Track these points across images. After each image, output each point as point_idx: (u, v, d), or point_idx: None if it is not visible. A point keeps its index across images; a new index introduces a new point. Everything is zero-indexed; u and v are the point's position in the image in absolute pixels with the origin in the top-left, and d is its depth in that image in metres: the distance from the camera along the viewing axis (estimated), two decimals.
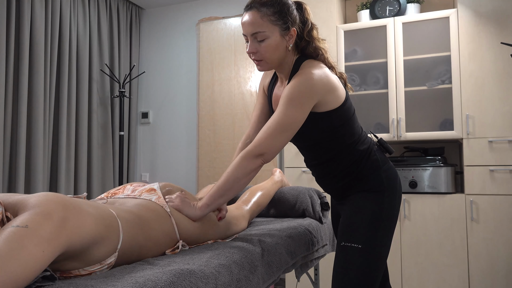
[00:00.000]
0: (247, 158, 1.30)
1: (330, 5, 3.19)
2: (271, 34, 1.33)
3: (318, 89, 1.31)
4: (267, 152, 1.30)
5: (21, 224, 0.80)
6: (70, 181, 3.48)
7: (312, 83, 1.30)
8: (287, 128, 1.30)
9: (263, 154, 1.30)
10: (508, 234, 2.65)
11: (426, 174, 2.84)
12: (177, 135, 4.15)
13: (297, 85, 1.31)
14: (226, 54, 3.86)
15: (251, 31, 1.33)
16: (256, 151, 1.30)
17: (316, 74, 1.32)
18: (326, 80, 1.34)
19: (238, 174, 1.30)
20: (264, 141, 1.30)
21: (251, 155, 1.30)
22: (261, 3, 1.33)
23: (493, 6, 2.77)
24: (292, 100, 1.30)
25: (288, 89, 1.32)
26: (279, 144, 1.31)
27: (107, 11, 3.97)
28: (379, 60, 3.09)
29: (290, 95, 1.31)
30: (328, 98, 1.35)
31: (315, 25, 1.44)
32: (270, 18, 1.32)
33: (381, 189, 1.43)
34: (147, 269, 0.99)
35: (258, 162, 1.31)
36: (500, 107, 2.72)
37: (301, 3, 1.43)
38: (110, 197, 1.30)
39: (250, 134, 1.58)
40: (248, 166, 1.30)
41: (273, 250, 1.38)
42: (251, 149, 1.31)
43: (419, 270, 2.81)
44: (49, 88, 3.35)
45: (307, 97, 1.30)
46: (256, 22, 1.32)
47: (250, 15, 1.33)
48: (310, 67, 1.35)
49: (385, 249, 1.41)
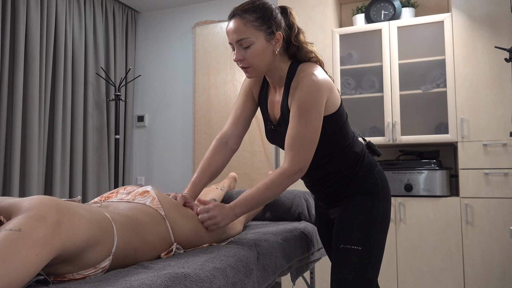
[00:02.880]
0: (288, 177, 1.33)
1: (326, 9, 3.21)
2: (256, 40, 1.33)
3: (324, 90, 1.33)
4: (304, 167, 1.35)
5: (14, 227, 0.80)
6: (65, 185, 3.46)
7: (319, 86, 1.32)
8: (314, 138, 1.33)
9: (301, 169, 1.34)
10: (503, 237, 2.66)
11: (421, 177, 2.85)
12: (173, 138, 4.14)
13: (305, 93, 1.31)
14: (222, 58, 3.86)
15: (236, 38, 1.33)
16: (295, 170, 1.33)
17: (318, 76, 1.34)
18: (327, 80, 1.37)
19: (277, 192, 1.36)
20: (299, 158, 1.33)
21: (291, 174, 1.33)
22: (243, 10, 1.33)
23: (487, 10, 2.79)
24: (308, 110, 1.31)
25: (298, 99, 1.32)
26: (310, 154, 1.35)
27: (103, 14, 3.97)
28: (375, 64, 3.10)
29: (304, 105, 1.31)
30: (330, 98, 1.36)
31: (302, 30, 1.44)
32: (254, 24, 1.32)
33: (375, 191, 1.44)
34: (142, 273, 0.99)
35: (297, 177, 1.35)
36: (494, 111, 2.74)
37: (286, 8, 1.43)
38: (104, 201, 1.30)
39: (227, 133, 1.54)
40: (289, 183, 1.35)
41: (269, 254, 1.38)
42: (289, 169, 1.33)
43: (414, 273, 2.82)
44: (45, 91, 3.33)
45: (319, 102, 1.32)
46: (240, 29, 1.32)
47: (234, 23, 1.34)
48: (308, 70, 1.36)
49: (382, 250, 1.43)
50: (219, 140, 1.54)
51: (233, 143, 1.54)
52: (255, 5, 1.34)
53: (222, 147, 1.53)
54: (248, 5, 1.35)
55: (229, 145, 1.53)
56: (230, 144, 1.54)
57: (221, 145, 1.53)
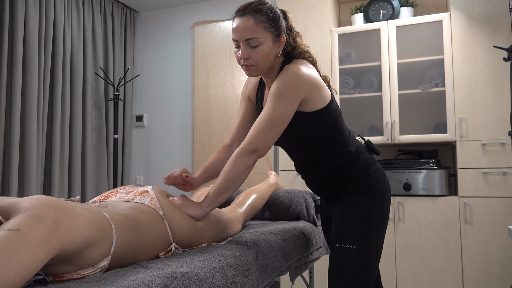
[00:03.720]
0: (242, 155, 1.33)
1: (325, 8, 3.21)
2: (265, 41, 1.34)
3: (304, 83, 1.34)
4: (260, 148, 1.34)
5: (13, 227, 0.80)
6: (64, 185, 3.46)
7: (299, 77, 1.33)
8: (277, 123, 1.33)
9: (257, 150, 1.34)
10: (501, 236, 2.66)
11: (420, 176, 2.85)
12: (172, 138, 4.14)
13: (283, 80, 1.33)
14: (221, 57, 3.86)
15: (245, 37, 1.33)
16: (250, 148, 1.33)
17: (302, 70, 1.35)
18: (312, 77, 1.37)
19: (236, 172, 1.33)
20: (256, 138, 1.33)
21: (245, 152, 1.33)
22: (255, 10, 1.33)
23: (486, 10, 2.79)
24: (279, 94, 1.32)
25: (275, 84, 1.35)
26: (270, 139, 1.34)
27: (101, 14, 3.97)
28: (373, 63, 3.10)
29: (277, 90, 1.33)
30: (314, 95, 1.37)
31: (299, 33, 1.48)
32: (264, 25, 1.33)
33: (371, 190, 1.45)
34: (141, 272, 0.99)
35: (253, 158, 1.34)
36: (493, 110, 2.74)
37: (285, 12, 1.45)
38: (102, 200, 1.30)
39: (232, 139, 1.59)
40: (245, 162, 1.33)
41: (267, 253, 1.38)
42: (244, 147, 1.33)
43: (413, 272, 2.82)
44: (43, 91, 3.33)
45: (294, 91, 1.32)
46: (251, 28, 1.32)
47: (244, 21, 1.33)
48: (295, 64, 1.37)
49: (379, 249, 1.42)
50: (223, 146, 1.58)
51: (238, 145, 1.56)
52: (266, 6, 1.35)
53: (226, 149, 1.57)
54: (259, 5, 1.35)
55: (234, 148, 1.56)
56: (235, 147, 1.56)
57: (225, 148, 1.57)
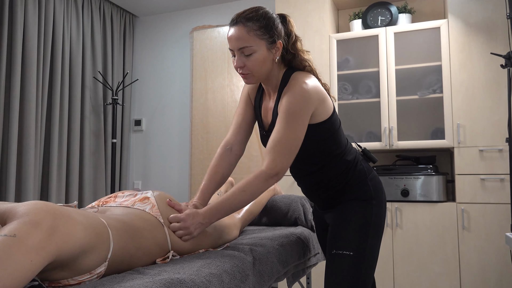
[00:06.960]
0: (265, 180, 1.31)
1: (323, 14, 3.22)
2: (258, 49, 1.33)
3: (313, 99, 1.33)
4: (281, 171, 1.33)
5: (9, 233, 0.79)
6: (62, 189, 3.45)
7: (308, 94, 1.32)
8: (294, 144, 1.32)
9: (278, 174, 1.32)
10: (499, 242, 2.66)
11: (418, 182, 2.85)
12: (170, 143, 4.14)
13: (293, 99, 1.32)
14: (219, 62, 3.87)
15: (238, 46, 1.33)
16: (273, 173, 1.31)
17: (309, 85, 1.34)
18: (319, 90, 1.37)
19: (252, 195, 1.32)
20: (279, 162, 1.31)
21: (268, 176, 1.31)
22: (247, 18, 1.33)
23: (483, 16, 2.81)
24: (292, 115, 1.31)
25: (286, 105, 1.33)
26: (290, 161, 1.34)
27: (100, 18, 3.97)
28: (371, 69, 3.11)
29: (289, 110, 1.31)
30: (320, 108, 1.37)
31: (299, 37, 1.46)
32: (257, 33, 1.32)
33: (369, 198, 1.45)
34: (137, 278, 0.98)
35: (273, 182, 1.33)
36: (490, 116, 2.75)
37: (285, 16, 1.44)
38: (101, 206, 1.29)
39: (231, 140, 1.55)
40: (264, 187, 1.32)
41: (265, 259, 1.38)
42: (267, 172, 1.31)
43: (411, 278, 2.82)
44: (42, 95, 3.33)
45: (306, 109, 1.32)
46: (243, 37, 1.32)
47: (237, 30, 1.33)
48: (301, 78, 1.36)
49: (375, 256, 1.43)
50: (224, 148, 1.55)
51: (237, 148, 1.55)
52: (258, 13, 1.34)
53: (227, 153, 1.54)
54: (251, 13, 1.34)
55: (234, 151, 1.55)
56: (235, 150, 1.55)
57: (225, 152, 1.54)
